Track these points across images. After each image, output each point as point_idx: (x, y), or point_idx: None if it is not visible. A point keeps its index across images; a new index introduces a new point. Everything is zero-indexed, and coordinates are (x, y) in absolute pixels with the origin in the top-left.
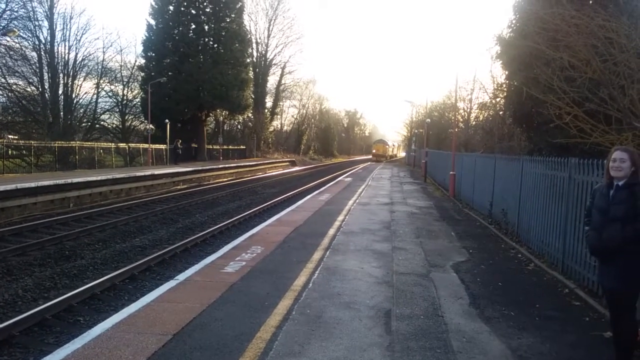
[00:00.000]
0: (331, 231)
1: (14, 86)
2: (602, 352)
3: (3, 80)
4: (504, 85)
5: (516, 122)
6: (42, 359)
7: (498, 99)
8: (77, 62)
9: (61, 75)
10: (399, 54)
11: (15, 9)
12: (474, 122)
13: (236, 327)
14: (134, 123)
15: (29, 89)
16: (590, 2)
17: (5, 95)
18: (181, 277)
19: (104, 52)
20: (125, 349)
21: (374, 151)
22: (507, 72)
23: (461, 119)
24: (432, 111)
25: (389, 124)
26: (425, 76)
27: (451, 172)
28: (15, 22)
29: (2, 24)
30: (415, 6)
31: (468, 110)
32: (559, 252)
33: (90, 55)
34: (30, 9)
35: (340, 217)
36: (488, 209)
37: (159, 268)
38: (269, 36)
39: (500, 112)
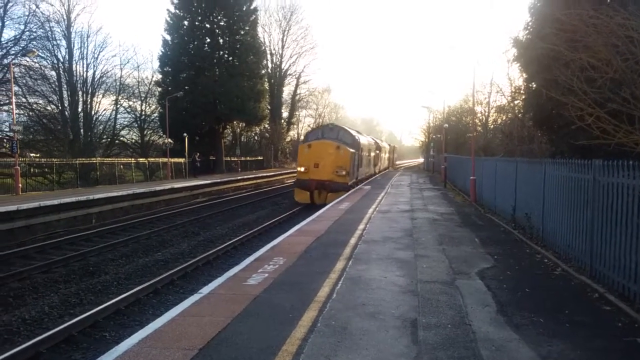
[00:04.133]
0: (352, 240)
1: (35, 105)
2: (636, 358)
3: (24, 99)
4: (522, 88)
5: (537, 124)
6: None
7: (516, 102)
8: (95, 79)
9: (80, 92)
10: (414, 59)
11: (34, 30)
12: (492, 126)
13: (262, 340)
14: (152, 137)
15: (49, 108)
16: (609, 1)
17: (26, 114)
18: (205, 290)
19: (121, 68)
20: None
21: (301, 169)
22: (525, 75)
23: (479, 123)
24: (450, 116)
25: (406, 130)
26: (442, 80)
27: (471, 177)
28: (34, 42)
29: (22, 45)
30: (431, 10)
31: (486, 113)
32: (587, 256)
33: (107, 72)
34: (48, 29)
35: (361, 226)
36: (511, 214)
37: (182, 282)
38: (283, 47)
39: (519, 115)
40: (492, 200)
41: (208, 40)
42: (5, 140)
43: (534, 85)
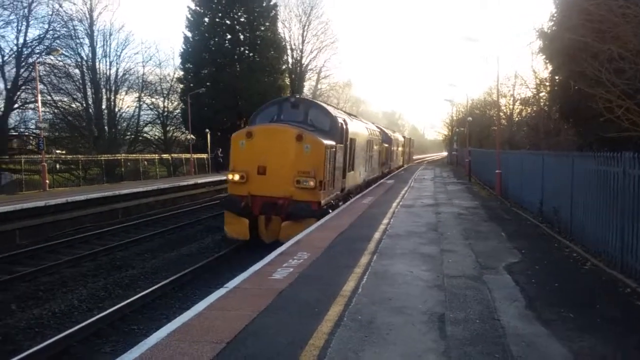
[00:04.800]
0: (376, 235)
1: (60, 103)
2: None
3: (49, 97)
4: (547, 80)
5: (563, 117)
6: None
7: (541, 94)
8: (118, 77)
9: (104, 90)
10: (436, 52)
11: (58, 29)
12: (517, 118)
13: (288, 335)
14: (175, 134)
15: (73, 105)
16: None
17: (51, 112)
18: (230, 284)
19: (143, 66)
20: (182, 358)
21: (234, 177)
22: (550, 67)
23: (503, 116)
24: (473, 109)
25: (429, 123)
26: (465, 73)
27: (497, 171)
28: (58, 41)
29: (46, 44)
30: (452, 2)
31: (510, 106)
32: (617, 250)
33: (130, 69)
34: (72, 28)
35: (385, 220)
36: (538, 207)
37: (207, 276)
38: (303, 42)
39: (545, 107)
40: (519, 194)
41: (229, 36)
42: (32, 138)
43: (559, 78)
